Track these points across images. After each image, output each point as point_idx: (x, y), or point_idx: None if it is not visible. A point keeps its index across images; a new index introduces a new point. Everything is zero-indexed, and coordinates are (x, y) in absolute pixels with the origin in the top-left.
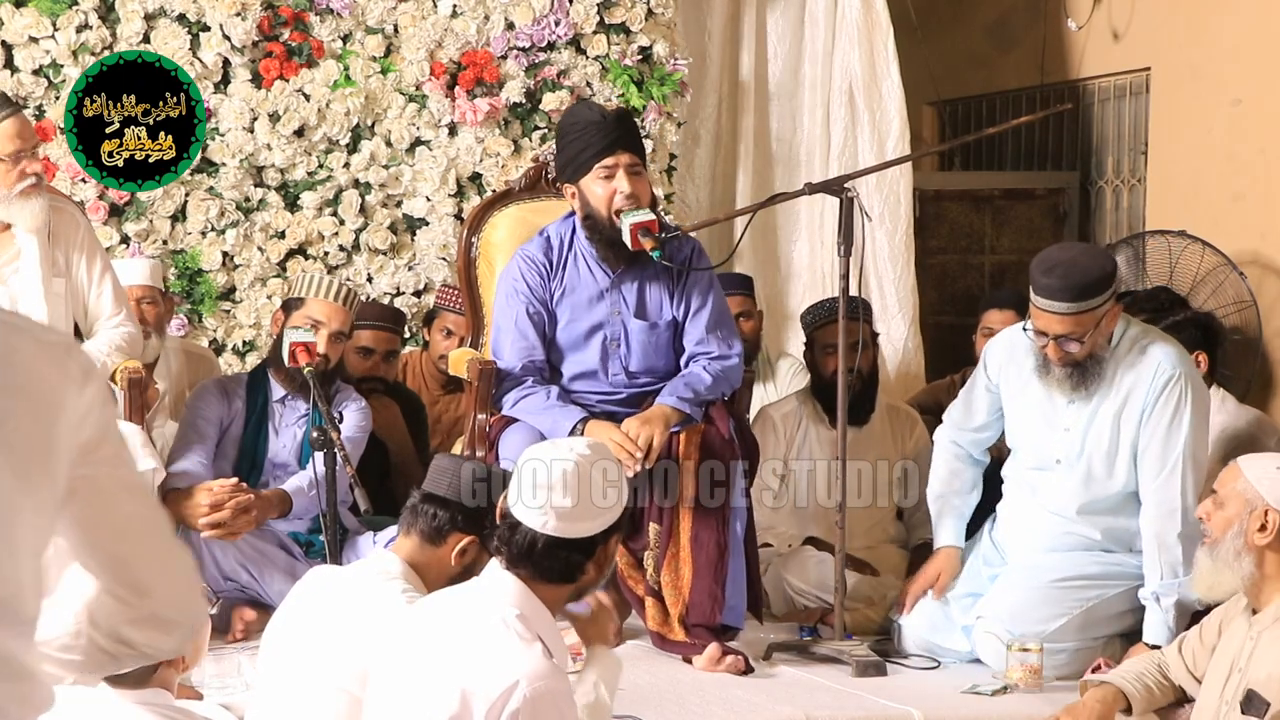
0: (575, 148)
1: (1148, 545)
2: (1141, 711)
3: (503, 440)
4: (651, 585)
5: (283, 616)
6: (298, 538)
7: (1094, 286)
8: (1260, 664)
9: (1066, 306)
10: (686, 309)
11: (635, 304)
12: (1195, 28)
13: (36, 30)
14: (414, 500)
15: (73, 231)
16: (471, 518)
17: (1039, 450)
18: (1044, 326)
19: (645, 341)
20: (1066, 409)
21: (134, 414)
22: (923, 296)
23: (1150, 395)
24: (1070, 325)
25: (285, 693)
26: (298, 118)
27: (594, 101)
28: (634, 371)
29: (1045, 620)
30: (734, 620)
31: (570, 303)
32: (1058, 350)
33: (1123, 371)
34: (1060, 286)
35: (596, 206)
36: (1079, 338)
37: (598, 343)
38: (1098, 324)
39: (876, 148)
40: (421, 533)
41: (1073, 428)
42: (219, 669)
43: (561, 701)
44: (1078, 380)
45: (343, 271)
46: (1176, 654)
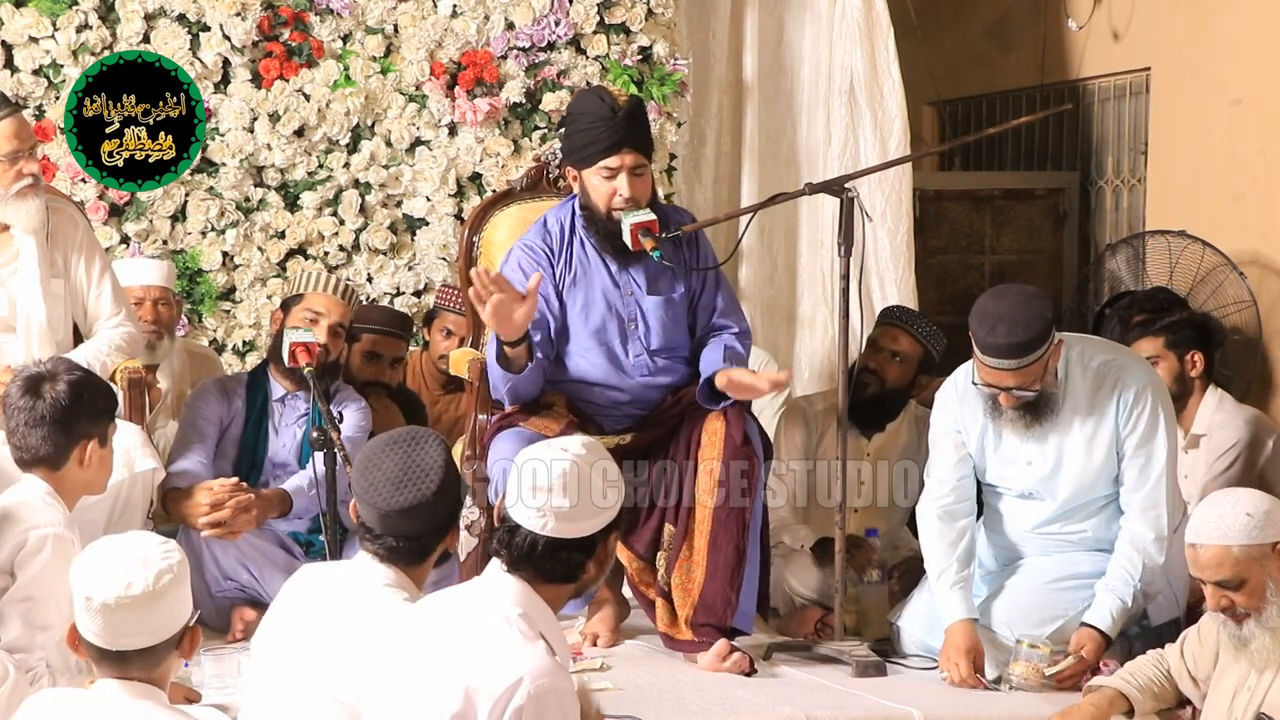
0: (582, 139)
1: (1121, 542)
2: (1144, 713)
3: (494, 444)
4: (662, 587)
5: (273, 619)
6: (298, 537)
7: (1036, 340)
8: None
9: (1014, 363)
10: (701, 285)
11: (647, 281)
12: (1195, 28)
13: (36, 30)
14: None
15: (71, 232)
16: (446, 526)
17: (1008, 484)
18: (994, 380)
19: (663, 317)
20: (1023, 446)
21: (134, 414)
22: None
23: (1122, 415)
24: (1020, 378)
25: (279, 700)
26: (298, 118)
27: (608, 90)
28: (655, 349)
29: (1043, 622)
30: (744, 625)
31: (583, 287)
32: (1010, 399)
33: (1084, 399)
34: (1005, 346)
35: (595, 201)
36: (1029, 386)
37: (615, 325)
38: (1045, 368)
39: (878, 148)
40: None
41: (1035, 461)
42: (219, 669)
43: (564, 698)
44: (1031, 418)
45: (343, 271)
46: (1178, 656)
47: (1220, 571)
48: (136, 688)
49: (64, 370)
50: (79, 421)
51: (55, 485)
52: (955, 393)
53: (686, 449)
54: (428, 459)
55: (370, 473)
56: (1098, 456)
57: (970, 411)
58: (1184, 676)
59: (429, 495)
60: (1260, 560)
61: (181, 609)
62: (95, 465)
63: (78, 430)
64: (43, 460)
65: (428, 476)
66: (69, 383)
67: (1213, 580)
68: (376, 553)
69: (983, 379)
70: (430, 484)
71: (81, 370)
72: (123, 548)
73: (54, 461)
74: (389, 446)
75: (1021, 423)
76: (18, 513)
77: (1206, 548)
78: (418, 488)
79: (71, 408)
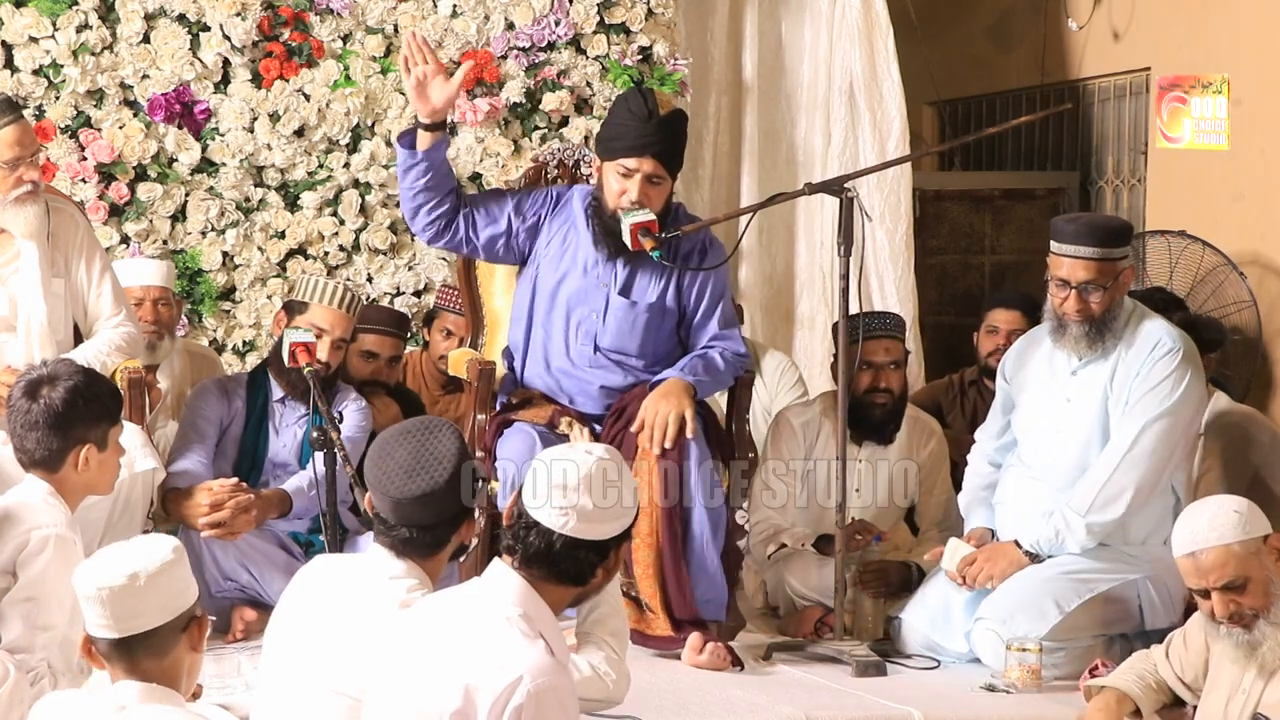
0: (610, 132)
1: (1086, 476)
2: (1150, 711)
3: (501, 443)
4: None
5: (284, 613)
6: (298, 538)
7: (1115, 234)
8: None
9: (1091, 251)
10: (697, 300)
11: (623, 281)
12: (1195, 28)
13: (36, 30)
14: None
15: (72, 232)
16: (460, 517)
17: (1040, 422)
18: (1067, 274)
19: (621, 319)
20: (1069, 381)
21: (134, 414)
22: (922, 296)
23: (1146, 362)
24: (1094, 271)
25: (289, 694)
26: (298, 118)
27: (653, 94)
28: (602, 346)
29: (1044, 615)
30: (713, 614)
31: (567, 262)
32: (1079, 300)
33: (1123, 344)
34: (1085, 231)
35: (605, 196)
36: (1100, 285)
37: (577, 309)
38: (1116, 278)
39: (877, 148)
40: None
41: (1074, 398)
42: (219, 669)
43: (564, 697)
44: (1094, 337)
45: (343, 271)
46: (1164, 658)
47: (1226, 572)
48: (153, 690)
49: (65, 375)
50: (74, 427)
51: (56, 486)
52: (1020, 345)
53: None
54: (441, 447)
55: (384, 461)
56: (1113, 393)
57: (1028, 358)
58: (1172, 679)
59: (442, 482)
60: (1257, 555)
61: (183, 589)
62: (94, 469)
63: (73, 435)
64: (39, 463)
65: (441, 464)
66: (66, 388)
67: (1219, 584)
68: (391, 545)
69: (1055, 275)
70: (443, 471)
71: (84, 375)
72: (122, 545)
73: (50, 465)
74: (402, 435)
75: (1085, 340)
76: (19, 513)
77: (1208, 551)
78: (431, 475)
79: (65, 414)
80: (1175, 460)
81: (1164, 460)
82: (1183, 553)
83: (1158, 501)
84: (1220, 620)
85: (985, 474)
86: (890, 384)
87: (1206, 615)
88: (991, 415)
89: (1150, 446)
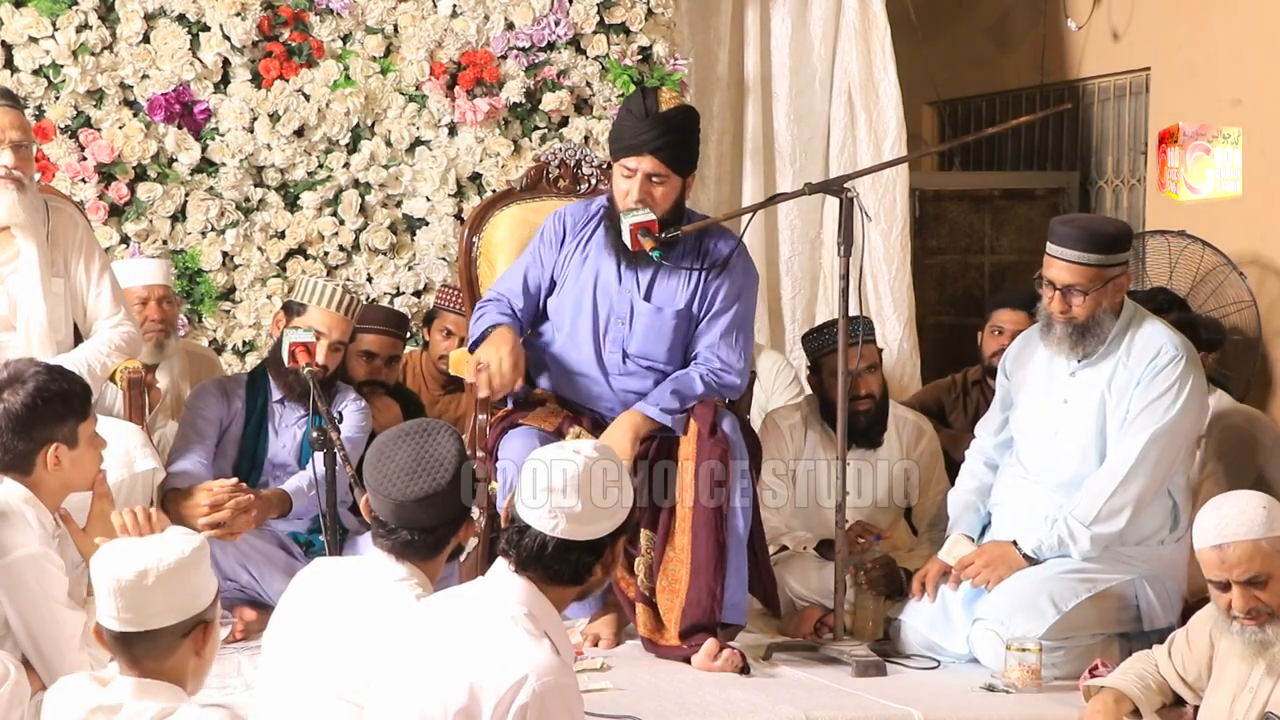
0: (614, 133)
1: (1088, 486)
2: (1149, 711)
3: (503, 444)
4: (643, 592)
5: (284, 616)
6: (298, 538)
7: (1107, 242)
8: None
9: (1077, 256)
10: (708, 308)
11: (647, 286)
12: (1195, 28)
13: (36, 30)
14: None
15: (71, 231)
16: (460, 518)
17: (1037, 422)
18: (1053, 276)
19: (648, 325)
20: (1068, 382)
21: (134, 414)
22: (922, 296)
23: (1148, 371)
24: (1078, 275)
25: (290, 699)
26: (298, 118)
27: (655, 94)
28: (632, 353)
29: (1042, 615)
30: (736, 618)
31: (591, 270)
32: (1062, 302)
33: (1123, 348)
34: (1075, 235)
35: (614, 197)
36: (1084, 290)
37: (604, 317)
38: (1105, 284)
39: (873, 148)
40: (416, 556)
41: (1072, 399)
42: (219, 669)
43: (569, 696)
44: (1076, 340)
45: (343, 271)
46: (1166, 657)
47: (1252, 567)
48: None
49: (28, 375)
50: (37, 428)
51: (32, 489)
52: (1020, 342)
53: (670, 447)
54: (441, 449)
55: (384, 464)
56: (1110, 401)
57: (1027, 356)
58: (1174, 678)
59: (443, 484)
60: (1278, 554)
61: (197, 591)
62: (67, 467)
63: (37, 436)
64: (10, 467)
65: (441, 466)
66: (26, 391)
67: (1243, 578)
68: (391, 549)
69: (1045, 275)
70: (444, 474)
71: (46, 373)
72: (150, 539)
73: (21, 467)
74: (402, 438)
75: (1068, 342)
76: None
77: (1236, 544)
78: (432, 477)
79: (25, 416)
80: (1176, 466)
81: (1167, 469)
82: (1208, 544)
83: (1156, 505)
84: (1237, 614)
85: (980, 475)
86: (870, 389)
87: (1222, 609)
88: (991, 411)
89: (1154, 459)
